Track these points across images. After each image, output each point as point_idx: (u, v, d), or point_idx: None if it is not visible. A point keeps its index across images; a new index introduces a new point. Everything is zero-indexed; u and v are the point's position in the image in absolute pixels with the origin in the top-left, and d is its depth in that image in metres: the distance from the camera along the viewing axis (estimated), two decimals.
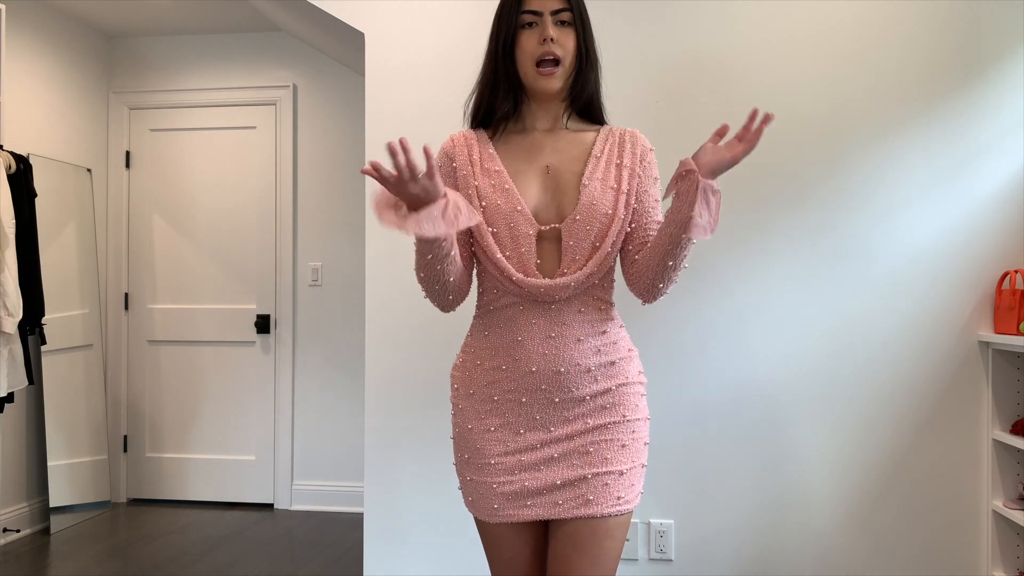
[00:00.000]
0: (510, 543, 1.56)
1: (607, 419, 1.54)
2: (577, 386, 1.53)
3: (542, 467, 1.52)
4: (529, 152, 1.59)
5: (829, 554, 2.60)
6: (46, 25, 4.02)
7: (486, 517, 1.56)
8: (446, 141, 1.64)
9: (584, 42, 1.57)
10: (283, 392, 4.35)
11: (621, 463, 1.52)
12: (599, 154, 1.58)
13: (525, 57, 1.54)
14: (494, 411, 1.56)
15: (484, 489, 1.55)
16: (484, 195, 1.54)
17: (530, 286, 1.51)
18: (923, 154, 2.56)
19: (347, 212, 4.27)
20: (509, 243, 1.53)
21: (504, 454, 1.54)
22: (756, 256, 2.61)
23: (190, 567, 3.37)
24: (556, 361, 1.53)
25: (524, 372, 1.53)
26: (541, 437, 1.53)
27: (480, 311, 1.63)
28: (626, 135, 1.62)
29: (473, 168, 1.57)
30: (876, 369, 2.58)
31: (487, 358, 1.58)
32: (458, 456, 1.62)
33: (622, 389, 1.56)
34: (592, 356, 1.54)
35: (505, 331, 1.56)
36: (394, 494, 2.73)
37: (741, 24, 2.62)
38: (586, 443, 1.52)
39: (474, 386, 1.59)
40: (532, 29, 1.54)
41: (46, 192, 3.75)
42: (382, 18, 2.73)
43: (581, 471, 1.51)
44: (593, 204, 1.52)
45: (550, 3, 1.53)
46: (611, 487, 1.50)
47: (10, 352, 3.23)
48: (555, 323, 1.53)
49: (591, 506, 1.49)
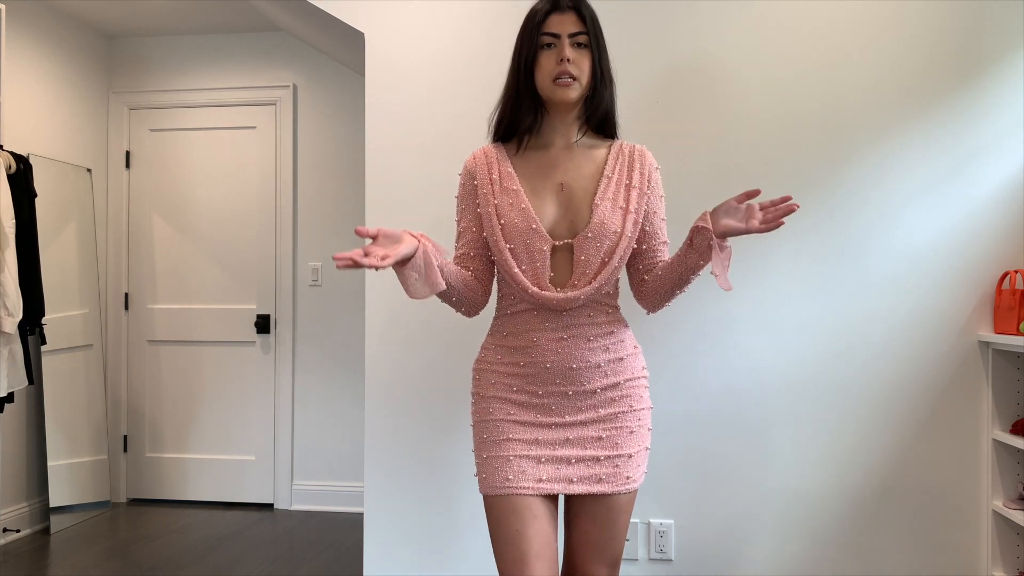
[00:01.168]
0: (519, 517, 1.63)
1: (616, 409, 1.70)
2: (588, 380, 1.69)
3: (557, 447, 1.68)
4: (545, 169, 1.73)
5: (829, 554, 2.60)
6: (46, 25, 4.02)
7: (499, 490, 1.65)
8: (468, 159, 1.79)
9: (599, 62, 1.70)
10: (283, 392, 4.35)
11: (629, 447, 1.70)
12: (610, 174, 1.72)
13: (544, 75, 1.68)
14: (513, 402, 1.71)
15: (499, 463, 1.66)
16: (503, 213, 1.68)
17: (544, 299, 1.66)
18: (923, 154, 2.56)
19: (347, 212, 4.27)
20: (525, 258, 1.67)
21: (521, 433, 1.68)
22: (756, 256, 2.61)
23: (190, 567, 3.37)
24: (569, 359, 1.68)
25: (540, 368, 1.69)
26: (556, 422, 1.69)
27: (499, 314, 1.79)
28: (635, 153, 1.76)
29: (493, 187, 1.71)
30: (876, 369, 2.58)
31: (505, 355, 1.73)
32: (477, 438, 1.74)
33: (629, 383, 1.73)
34: (601, 354, 1.70)
35: (521, 332, 1.71)
36: (394, 494, 2.73)
37: (740, 24, 2.62)
38: (598, 430, 1.69)
39: (494, 378, 1.73)
40: (551, 50, 1.67)
41: (46, 192, 3.75)
42: (382, 18, 2.73)
43: (594, 453, 1.67)
44: (603, 223, 1.67)
45: (568, 26, 1.67)
46: (621, 468, 1.68)
47: (10, 352, 3.23)
48: (567, 326, 1.69)
49: (604, 484, 1.67)
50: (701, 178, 2.61)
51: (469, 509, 2.68)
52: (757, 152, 2.62)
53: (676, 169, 2.56)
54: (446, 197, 2.64)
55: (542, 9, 1.69)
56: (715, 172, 2.62)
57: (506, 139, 1.77)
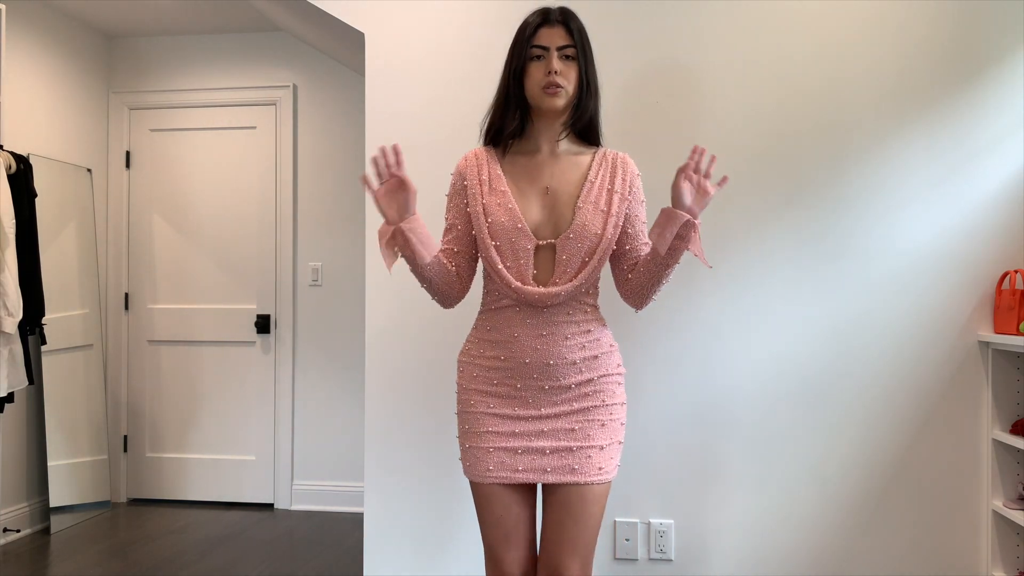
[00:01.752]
0: (500, 503, 1.79)
1: (589, 403, 1.80)
2: (564, 376, 1.79)
3: (533, 438, 1.78)
4: (532, 173, 1.83)
5: (829, 554, 2.60)
6: (46, 25, 4.02)
7: (480, 479, 1.79)
8: (460, 160, 1.88)
9: (586, 74, 1.79)
10: (283, 392, 4.35)
11: (601, 439, 1.79)
12: (593, 179, 1.82)
13: (533, 84, 1.78)
14: (493, 393, 1.81)
15: (480, 454, 1.79)
16: (490, 212, 1.78)
17: (526, 294, 1.76)
18: (923, 154, 2.56)
19: (347, 212, 4.27)
20: (510, 255, 1.77)
21: (499, 426, 1.79)
22: (755, 257, 2.61)
23: (190, 567, 3.37)
24: (546, 355, 1.78)
25: (519, 363, 1.79)
26: (532, 414, 1.79)
27: (483, 309, 1.88)
28: (618, 160, 1.86)
29: (482, 187, 1.81)
30: (876, 369, 2.58)
31: (488, 349, 1.83)
32: (461, 428, 1.86)
33: (603, 379, 1.82)
34: (578, 351, 1.80)
35: (504, 328, 1.81)
36: (394, 494, 2.73)
37: (740, 22, 2.62)
38: (571, 422, 1.79)
39: (476, 371, 1.84)
40: (540, 61, 1.77)
41: (46, 192, 3.75)
42: (382, 18, 2.73)
43: (567, 443, 1.78)
44: (585, 225, 1.77)
45: (556, 39, 1.77)
46: (593, 459, 1.77)
47: (10, 352, 3.23)
48: (547, 323, 1.79)
49: (576, 475, 1.76)
50: None
51: (469, 509, 2.68)
52: (757, 152, 2.62)
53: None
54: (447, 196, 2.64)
55: (533, 23, 1.79)
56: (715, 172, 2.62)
57: (496, 143, 1.87)
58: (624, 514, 2.66)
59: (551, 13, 1.80)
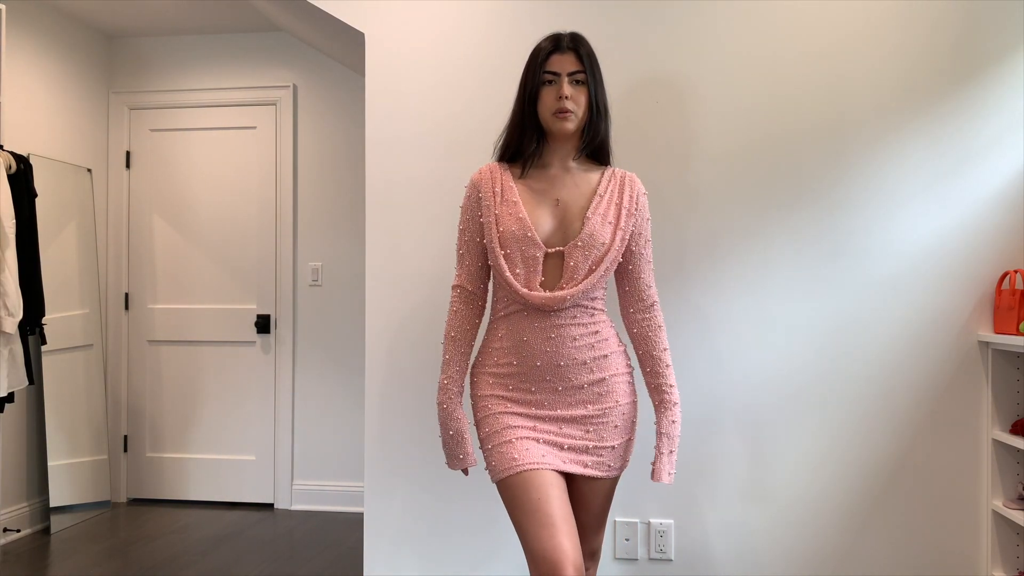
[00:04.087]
0: (534, 487, 1.76)
1: (604, 405, 1.88)
2: (576, 376, 1.86)
3: (552, 435, 1.85)
4: (544, 186, 1.91)
5: (829, 554, 2.60)
6: (46, 25, 4.03)
7: (509, 471, 1.79)
8: (475, 174, 1.96)
9: (595, 98, 1.87)
10: (283, 392, 4.35)
11: (613, 440, 1.89)
12: (603, 193, 1.90)
13: (545, 108, 1.86)
14: (509, 398, 1.88)
15: (505, 447, 1.82)
16: (502, 222, 1.86)
17: (533, 299, 1.83)
18: (923, 154, 2.56)
19: (347, 212, 4.28)
20: (519, 263, 1.84)
21: (520, 421, 1.85)
22: (755, 257, 2.61)
23: (190, 567, 3.37)
24: (556, 357, 1.85)
25: (531, 367, 1.86)
26: (549, 415, 1.86)
27: (493, 316, 1.96)
28: (626, 179, 1.94)
29: (495, 199, 1.89)
30: (876, 369, 2.58)
31: (500, 356, 1.90)
32: (482, 433, 1.90)
33: (614, 379, 1.90)
34: (587, 351, 1.86)
35: (514, 333, 1.88)
36: (394, 494, 2.73)
37: (739, 23, 2.62)
38: (587, 424, 1.87)
39: (491, 379, 1.91)
40: (552, 86, 1.86)
41: (46, 192, 3.75)
42: (382, 18, 2.73)
43: (583, 442, 1.86)
44: (593, 234, 1.84)
45: (567, 65, 1.85)
46: (605, 458, 1.89)
47: (10, 352, 3.23)
48: (554, 326, 1.85)
49: (589, 470, 1.87)
50: (701, 177, 2.61)
51: (469, 509, 2.68)
52: (757, 152, 2.62)
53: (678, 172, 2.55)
54: (446, 196, 2.64)
55: (545, 49, 1.87)
56: (715, 173, 2.62)
57: (511, 160, 1.95)
58: (624, 514, 2.66)
59: (562, 40, 1.87)
